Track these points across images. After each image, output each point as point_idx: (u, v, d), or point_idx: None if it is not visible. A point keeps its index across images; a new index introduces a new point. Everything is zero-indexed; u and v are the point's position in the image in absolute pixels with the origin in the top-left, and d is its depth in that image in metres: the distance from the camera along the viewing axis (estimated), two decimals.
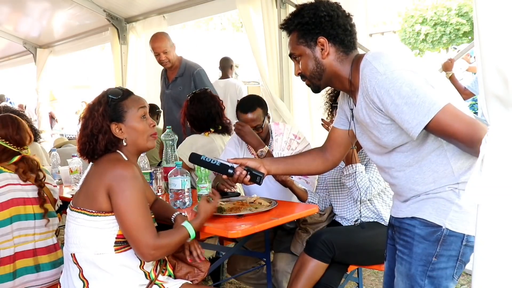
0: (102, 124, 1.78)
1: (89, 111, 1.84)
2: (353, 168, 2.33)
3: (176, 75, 3.76)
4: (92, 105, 1.84)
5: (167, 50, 3.65)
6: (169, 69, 3.81)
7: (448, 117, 1.35)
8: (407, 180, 1.55)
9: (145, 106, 1.88)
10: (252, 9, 3.95)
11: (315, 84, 1.67)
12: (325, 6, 1.58)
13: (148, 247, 1.69)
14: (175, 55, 3.74)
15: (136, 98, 1.88)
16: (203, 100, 3.09)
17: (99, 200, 1.71)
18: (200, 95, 3.13)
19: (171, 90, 3.80)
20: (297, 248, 2.51)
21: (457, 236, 1.47)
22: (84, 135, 1.82)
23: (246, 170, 1.81)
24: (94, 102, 1.85)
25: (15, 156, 2.28)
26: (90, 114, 1.82)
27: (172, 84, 3.77)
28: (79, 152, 1.86)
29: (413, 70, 1.41)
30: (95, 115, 1.80)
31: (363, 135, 1.67)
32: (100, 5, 5.16)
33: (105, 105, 1.81)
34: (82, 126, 1.83)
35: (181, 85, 3.74)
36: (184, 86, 3.71)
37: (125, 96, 1.85)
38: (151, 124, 1.87)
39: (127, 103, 1.83)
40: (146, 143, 1.87)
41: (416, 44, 18.68)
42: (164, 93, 3.92)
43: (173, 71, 3.79)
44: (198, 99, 3.10)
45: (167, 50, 3.64)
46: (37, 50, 6.77)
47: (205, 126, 3.09)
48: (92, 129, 1.79)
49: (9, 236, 2.19)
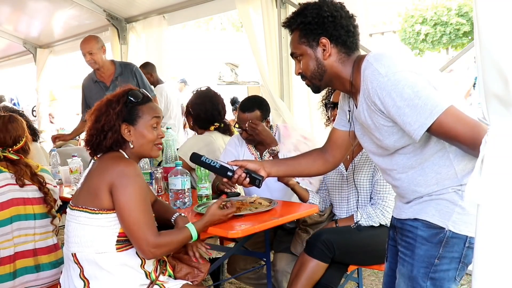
0: (114, 122, 1.79)
1: (105, 106, 1.84)
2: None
3: (115, 75, 3.79)
4: (110, 101, 1.85)
5: (93, 52, 3.69)
6: (101, 73, 3.80)
7: (451, 120, 1.34)
8: (409, 182, 1.54)
9: (160, 117, 1.89)
10: (252, 9, 3.94)
11: (315, 85, 1.66)
12: (328, 6, 1.57)
13: (148, 244, 1.70)
14: (103, 58, 3.77)
15: (153, 106, 1.89)
16: (208, 97, 3.09)
17: (101, 197, 1.72)
18: (205, 92, 3.13)
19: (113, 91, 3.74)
20: (297, 248, 2.51)
21: (460, 238, 1.47)
22: (94, 128, 1.82)
23: (245, 173, 1.81)
24: (113, 99, 1.85)
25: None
26: (106, 109, 1.82)
27: (113, 84, 3.76)
28: (84, 142, 1.87)
29: (416, 71, 1.40)
30: (110, 112, 1.81)
31: (364, 136, 1.66)
32: (100, 5, 5.16)
33: (123, 105, 1.82)
34: (95, 119, 1.83)
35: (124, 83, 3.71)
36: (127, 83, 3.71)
37: (144, 101, 1.86)
38: (159, 135, 1.88)
39: (143, 109, 1.85)
40: (150, 151, 1.88)
41: (416, 44, 18.67)
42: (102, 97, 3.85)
43: (108, 74, 3.81)
44: (203, 96, 3.10)
45: (92, 52, 3.69)
46: (37, 50, 6.77)
47: (211, 122, 3.09)
48: (104, 125, 1.80)
49: (9, 236, 2.19)
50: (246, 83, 12.94)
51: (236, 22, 22.19)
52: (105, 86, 3.80)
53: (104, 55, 3.78)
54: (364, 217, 2.35)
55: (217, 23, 23.49)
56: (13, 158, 2.27)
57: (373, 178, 2.41)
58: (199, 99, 3.09)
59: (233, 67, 13.44)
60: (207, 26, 22.07)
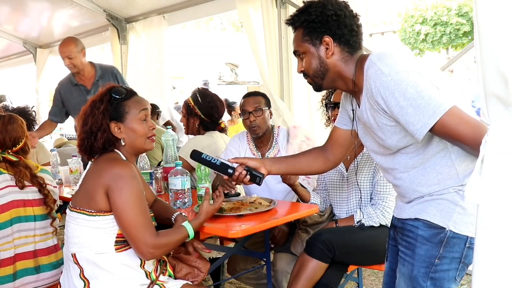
0: (101, 122, 1.78)
1: (90, 107, 1.83)
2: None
3: (96, 78, 3.69)
4: (94, 102, 1.84)
5: (72, 56, 3.58)
6: (81, 76, 3.70)
7: (454, 120, 1.34)
8: (411, 181, 1.54)
9: (147, 109, 1.87)
10: (252, 9, 3.94)
11: (317, 83, 1.66)
12: (332, 5, 1.56)
13: (147, 245, 1.69)
14: (83, 61, 3.66)
15: (139, 99, 1.88)
16: (215, 98, 3.09)
17: (97, 199, 1.71)
18: (210, 93, 3.13)
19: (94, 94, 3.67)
20: (297, 248, 2.51)
21: (460, 238, 1.46)
22: (83, 132, 1.82)
23: (246, 170, 1.81)
24: (96, 99, 1.84)
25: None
26: (91, 111, 1.81)
27: (94, 87, 3.66)
28: (78, 148, 1.86)
29: (419, 71, 1.40)
30: (95, 113, 1.79)
31: (367, 135, 1.65)
32: (100, 5, 5.15)
33: (107, 104, 1.80)
34: (83, 122, 1.82)
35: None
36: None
37: (128, 96, 1.84)
38: (150, 127, 1.87)
39: (129, 104, 1.83)
40: (144, 145, 1.87)
41: (416, 44, 18.68)
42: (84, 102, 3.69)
43: (88, 77, 3.71)
44: (209, 97, 3.08)
45: (71, 56, 3.58)
46: (37, 50, 6.76)
47: (218, 122, 3.10)
48: (92, 126, 1.79)
49: (9, 238, 2.18)
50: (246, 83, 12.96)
51: (236, 22, 22.20)
52: (85, 90, 3.69)
53: (83, 58, 3.66)
54: (364, 217, 2.35)
55: (217, 23, 23.50)
56: (13, 159, 2.27)
57: (373, 179, 2.41)
58: (208, 102, 3.06)
59: (233, 67, 13.45)
60: (207, 26, 22.07)
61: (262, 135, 2.77)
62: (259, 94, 2.84)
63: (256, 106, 2.72)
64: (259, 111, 2.71)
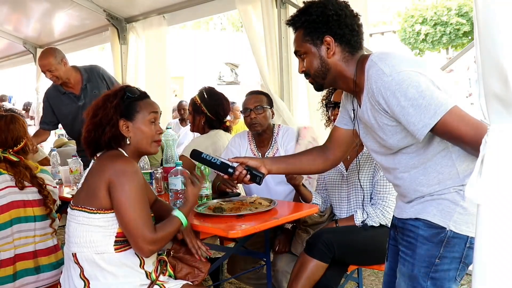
0: (112, 116, 1.79)
1: (103, 100, 1.84)
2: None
3: (84, 82, 3.58)
4: (108, 95, 1.85)
5: (52, 68, 3.39)
6: (67, 84, 3.56)
7: (455, 120, 1.34)
8: (411, 181, 1.54)
9: (157, 112, 1.89)
10: (252, 9, 3.94)
11: (319, 83, 1.66)
12: (333, 5, 1.57)
13: (146, 241, 1.70)
14: (66, 70, 3.47)
15: (151, 102, 1.90)
16: (221, 96, 3.09)
17: (99, 196, 1.72)
18: (216, 92, 3.13)
19: (85, 99, 3.58)
20: (297, 248, 2.51)
21: (461, 238, 1.47)
22: (91, 123, 1.82)
23: (246, 170, 1.81)
24: (110, 93, 1.86)
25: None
26: (103, 104, 1.82)
27: (83, 93, 3.58)
28: (83, 140, 1.86)
29: (420, 71, 1.40)
30: (107, 106, 1.80)
31: (367, 135, 1.65)
32: (100, 5, 5.15)
33: (120, 100, 1.82)
34: (93, 114, 1.82)
35: (95, 89, 3.59)
36: (98, 88, 3.57)
37: (141, 97, 1.87)
38: (158, 131, 1.88)
39: (141, 104, 1.85)
40: (149, 148, 1.87)
41: (416, 44, 18.68)
42: (76, 108, 3.59)
43: (74, 83, 3.58)
44: (216, 95, 3.08)
45: (51, 69, 3.39)
46: (37, 50, 6.76)
47: (223, 121, 3.10)
48: (101, 118, 1.80)
49: (9, 239, 2.18)
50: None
51: (236, 22, 22.21)
52: (75, 96, 3.59)
53: (65, 67, 3.46)
54: (364, 217, 2.35)
55: (217, 23, 23.51)
56: (13, 159, 2.27)
57: (373, 179, 2.41)
58: (214, 100, 3.06)
59: (233, 67, 13.46)
60: (207, 26, 22.08)
61: (262, 134, 2.77)
62: (262, 93, 2.86)
63: (258, 103, 2.72)
64: (260, 109, 2.72)
